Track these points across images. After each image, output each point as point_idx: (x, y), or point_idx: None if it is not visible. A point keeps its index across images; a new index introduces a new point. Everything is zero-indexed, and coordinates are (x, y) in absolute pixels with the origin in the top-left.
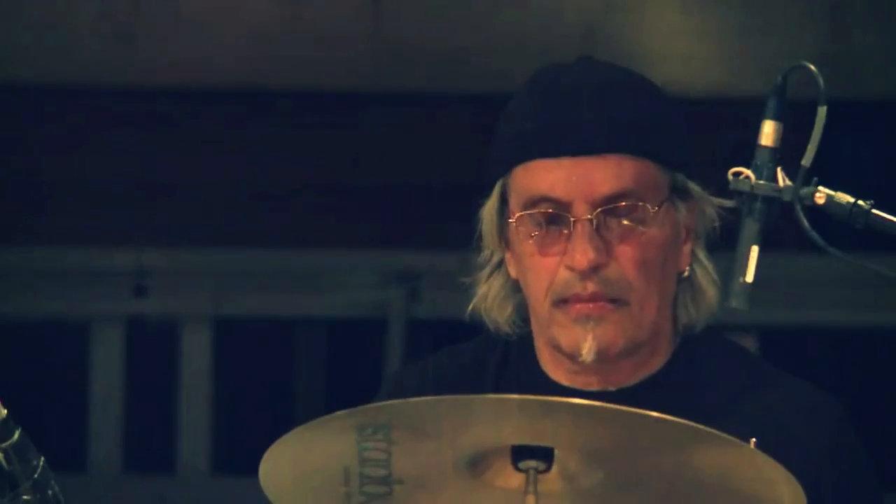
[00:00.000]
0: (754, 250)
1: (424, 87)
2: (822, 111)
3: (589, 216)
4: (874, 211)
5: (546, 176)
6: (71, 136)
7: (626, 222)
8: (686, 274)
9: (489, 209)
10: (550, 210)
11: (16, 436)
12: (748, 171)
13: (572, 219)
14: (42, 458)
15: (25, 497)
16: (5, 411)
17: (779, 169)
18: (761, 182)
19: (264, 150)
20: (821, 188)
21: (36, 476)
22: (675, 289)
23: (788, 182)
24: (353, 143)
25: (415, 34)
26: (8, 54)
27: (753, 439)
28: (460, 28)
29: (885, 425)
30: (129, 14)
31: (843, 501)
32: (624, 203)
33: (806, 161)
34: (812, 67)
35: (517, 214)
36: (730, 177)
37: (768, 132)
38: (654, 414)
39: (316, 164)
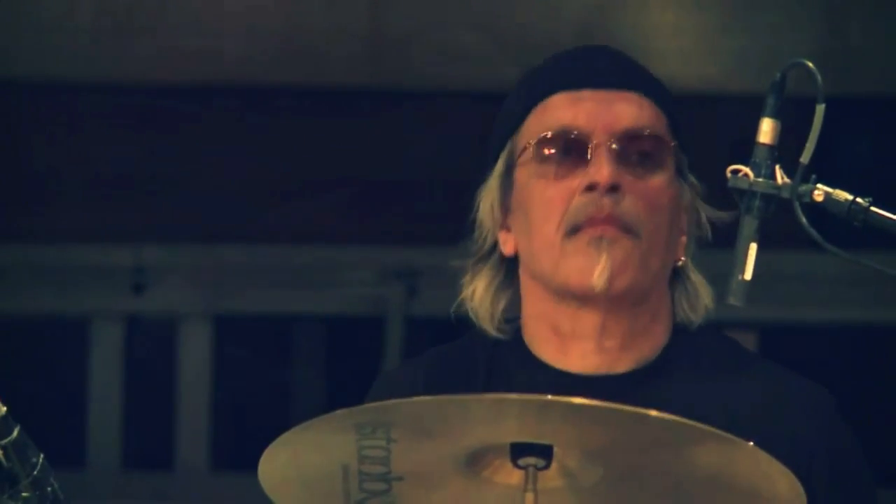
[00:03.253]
0: (753, 247)
1: (423, 85)
2: (820, 108)
3: (610, 143)
4: (872, 208)
5: (566, 109)
6: (69, 132)
7: (640, 165)
8: (681, 264)
9: (490, 184)
10: (572, 135)
11: (15, 433)
12: (747, 169)
13: (594, 142)
14: (41, 455)
15: (25, 494)
16: (4, 408)
17: (777, 166)
18: (760, 180)
19: (262, 147)
20: (819, 185)
21: (35, 473)
22: (671, 281)
23: (787, 179)
24: (351, 140)
25: (413, 31)
26: (7, 52)
27: (751, 442)
28: (459, 25)
29: (883, 422)
30: (127, 11)
31: (836, 492)
32: (643, 137)
33: (804, 158)
34: (810, 65)
35: (538, 136)
36: (728, 174)
37: (767, 130)
38: (653, 413)
39: (314, 161)
